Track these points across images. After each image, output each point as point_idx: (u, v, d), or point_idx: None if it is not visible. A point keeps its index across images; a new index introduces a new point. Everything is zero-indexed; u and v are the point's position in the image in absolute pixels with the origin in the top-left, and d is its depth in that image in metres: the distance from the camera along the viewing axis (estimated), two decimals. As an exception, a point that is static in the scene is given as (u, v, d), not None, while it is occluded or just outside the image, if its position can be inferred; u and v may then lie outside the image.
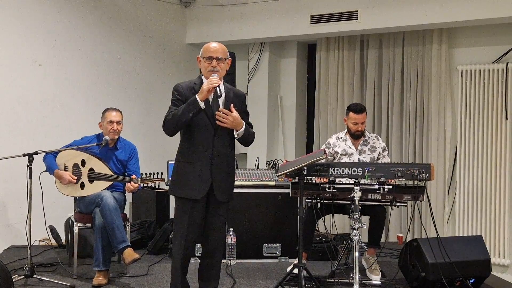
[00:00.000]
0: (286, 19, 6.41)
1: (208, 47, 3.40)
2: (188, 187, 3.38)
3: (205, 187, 3.38)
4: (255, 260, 5.04)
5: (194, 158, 3.38)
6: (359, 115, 4.59)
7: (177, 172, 3.43)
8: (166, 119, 3.33)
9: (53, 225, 5.25)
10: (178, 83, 3.47)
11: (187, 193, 3.38)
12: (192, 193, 3.37)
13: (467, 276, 4.11)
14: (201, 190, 3.38)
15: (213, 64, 3.37)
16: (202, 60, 3.43)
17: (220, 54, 3.39)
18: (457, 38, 5.97)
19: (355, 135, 4.64)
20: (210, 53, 3.38)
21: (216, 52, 3.38)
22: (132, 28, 6.47)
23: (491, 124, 5.66)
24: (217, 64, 3.37)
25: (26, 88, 5.45)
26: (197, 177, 3.37)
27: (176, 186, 3.43)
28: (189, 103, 3.27)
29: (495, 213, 5.62)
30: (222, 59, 3.40)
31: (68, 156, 4.45)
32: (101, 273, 4.25)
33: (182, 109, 3.27)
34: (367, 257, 4.62)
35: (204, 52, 3.41)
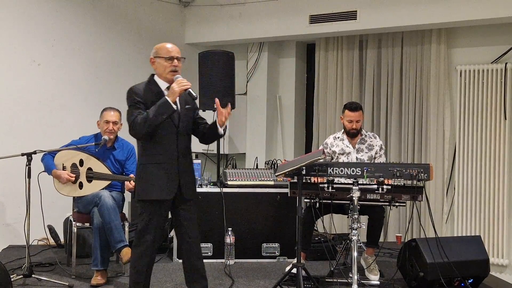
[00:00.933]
0: (285, 19, 6.40)
1: (166, 47, 3.43)
2: (158, 189, 3.39)
3: (175, 187, 3.42)
4: (254, 260, 5.04)
5: (162, 159, 3.40)
6: (354, 113, 4.58)
7: (145, 175, 3.42)
8: (135, 123, 3.29)
9: (51, 224, 5.25)
10: (132, 86, 3.44)
11: (158, 194, 3.39)
12: (163, 194, 3.40)
13: (466, 276, 4.12)
14: (172, 190, 3.41)
15: (175, 64, 3.41)
16: (159, 60, 3.42)
17: (179, 53, 3.45)
18: (456, 38, 5.96)
19: (350, 133, 4.63)
20: (171, 53, 3.41)
21: (176, 52, 3.44)
22: (131, 28, 6.46)
23: (490, 124, 5.66)
24: (178, 64, 3.43)
25: (25, 87, 5.45)
26: (166, 177, 3.39)
27: (146, 189, 3.41)
28: (161, 106, 3.27)
29: (494, 213, 5.61)
30: (181, 58, 3.45)
31: (66, 156, 4.44)
32: (99, 272, 4.25)
33: (154, 111, 3.27)
34: (365, 257, 4.62)
35: (163, 52, 3.41)
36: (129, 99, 3.39)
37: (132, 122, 3.30)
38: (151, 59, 3.47)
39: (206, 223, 5.02)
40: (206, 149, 6.34)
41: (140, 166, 3.45)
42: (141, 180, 3.44)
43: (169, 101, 3.27)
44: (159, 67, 3.44)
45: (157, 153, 3.40)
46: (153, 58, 3.45)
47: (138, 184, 3.47)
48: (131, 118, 3.32)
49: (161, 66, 3.42)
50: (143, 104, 3.35)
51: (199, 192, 5.02)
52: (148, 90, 3.42)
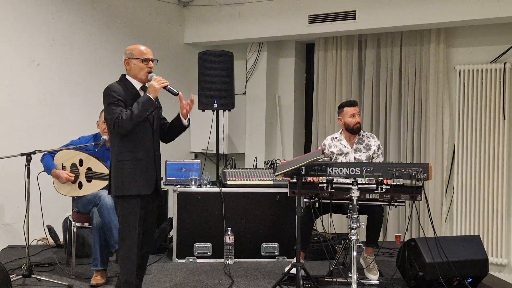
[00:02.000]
0: (284, 19, 6.41)
1: (141, 49, 3.54)
2: (140, 184, 3.46)
3: (153, 182, 3.54)
4: (253, 259, 5.04)
5: (142, 155, 3.48)
6: (353, 107, 4.66)
7: (127, 171, 3.46)
8: (120, 119, 3.34)
9: (51, 224, 5.25)
10: (110, 85, 3.52)
11: (140, 189, 3.46)
12: (145, 188, 3.48)
13: (465, 275, 4.13)
14: (152, 185, 3.52)
15: (150, 65, 3.54)
16: (135, 61, 3.52)
17: (152, 55, 3.57)
18: (455, 38, 5.97)
19: (354, 129, 4.64)
20: (146, 55, 3.53)
21: (151, 53, 3.57)
22: (130, 27, 6.46)
23: (488, 123, 5.66)
24: (152, 66, 3.55)
25: (24, 87, 5.45)
26: (146, 172, 3.49)
27: (128, 184, 3.45)
28: (144, 103, 3.39)
29: (493, 213, 5.62)
30: (154, 60, 3.58)
31: (66, 156, 4.45)
32: (99, 272, 4.26)
33: (139, 108, 3.37)
34: (365, 257, 4.63)
35: (139, 54, 3.52)
36: (108, 96, 3.45)
37: (116, 119, 3.35)
38: (125, 60, 3.55)
39: (205, 223, 5.02)
40: (206, 149, 6.36)
41: (118, 162, 3.48)
42: (120, 176, 3.47)
43: (151, 98, 3.42)
44: (135, 68, 3.53)
45: (136, 149, 3.47)
46: (128, 59, 3.54)
47: (117, 180, 3.48)
48: (113, 115, 3.37)
49: (137, 67, 3.52)
50: (122, 101, 3.43)
51: (198, 192, 5.06)
52: (124, 88, 3.51)
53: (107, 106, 3.43)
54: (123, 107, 3.40)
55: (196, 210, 5.02)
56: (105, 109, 3.47)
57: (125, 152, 3.47)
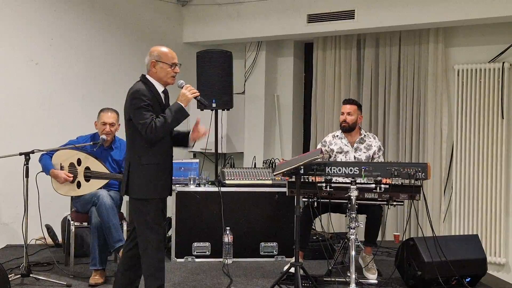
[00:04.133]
0: (283, 18, 6.40)
1: (167, 52, 3.51)
2: (162, 188, 3.49)
3: (170, 185, 3.59)
4: (252, 259, 5.04)
5: (162, 160, 3.49)
6: (346, 105, 4.69)
7: (149, 176, 3.43)
8: (154, 126, 3.30)
9: (49, 224, 5.24)
10: (138, 88, 3.43)
11: (161, 193, 3.50)
12: (165, 192, 3.54)
13: (463, 274, 4.13)
14: (169, 188, 3.58)
15: (176, 70, 3.52)
16: (162, 65, 3.47)
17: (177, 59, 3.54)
18: (453, 37, 5.97)
19: (341, 126, 4.66)
20: (174, 60, 3.51)
21: (176, 58, 3.54)
22: (129, 27, 6.46)
23: (487, 123, 5.66)
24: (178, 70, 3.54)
25: (23, 87, 5.44)
26: (165, 177, 3.51)
27: (151, 188, 3.44)
28: (177, 112, 3.39)
29: (491, 212, 5.62)
30: (180, 65, 3.56)
31: (64, 156, 4.45)
32: (97, 272, 4.26)
33: (171, 117, 3.37)
34: (363, 256, 4.63)
35: (166, 58, 3.48)
36: (138, 100, 3.36)
37: (150, 126, 3.30)
38: (152, 62, 3.47)
39: (204, 223, 5.02)
40: (204, 148, 6.35)
41: (140, 166, 3.42)
42: (143, 180, 3.43)
43: (183, 107, 3.40)
44: (161, 72, 3.48)
45: (158, 154, 3.45)
46: (155, 61, 3.46)
47: (139, 183, 3.43)
48: (145, 121, 3.30)
49: (163, 71, 3.48)
50: (151, 106, 3.38)
51: (197, 191, 5.06)
52: (150, 92, 3.44)
53: (136, 110, 3.35)
54: (152, 112, 3.36)
55: (195, 209, 5.02)
56: (133, 112, 3.36)
57: (147, 156, 3.43)
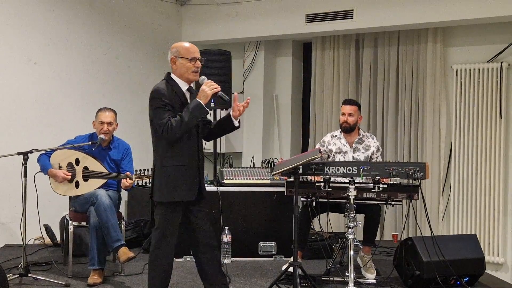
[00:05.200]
0: (281, 18, 6.41)
1: (188, 47, 3.41)
2: (182, 190, 3.38)
3: (196, 188, 3.44)
4: (250, 258, 5.05)
5: (186, 161, 3.38)
6: (346, 106, 4.66)
7: (169, 177, 3.37)
8: (170, 126, 3.25)
9: (48, 224, 5.24)
10: (157, 87, 3.39)
11: (182, 195, 3.38)
12: (187, 195, 3.40)
13: (462, 274, 4.14)
14: (194, 192, 3.43)
15: (198, 65, 3.40)
16: (182, 61, 3.39)
17: (199, 54, 3.43)
18: (451, 37, 5.98)
19: (342, 127, 4.65)
20: (194, 54, 3.40)
21: (197, 52, 3.43)
22: (128, 26, 6.46)
23: (485, 123, 5.67)
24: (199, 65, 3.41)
25: (21, 86, 5.44)
26: (190, 179, 3.40)
27: (169, 190, 3.37)
28: (195, 109, 3.27)
29: (490, 212, 5.63)
30: (201, 59, 3.44)
31: (62, 156, 4.44)
32: (96, 272, 4.25)
33: (188, 115, 3.26)
34: (362, 256, 4.63)
35: (186, 53, 3.38)
36: (156, 100, 3.32)
37: (166, 126, 3.25)
38: (172, 59, 3.43)
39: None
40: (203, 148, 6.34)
41: (161, 168, 3.38)
42: (163, 182, 3.38)
43: (202, 104, 3.27)
44: (181, 68, 3.41)
45: (181, 155, 3.38)
46: (175, 57, 3.42)
47: (159, 185, 3.39)
48: (162, 121, 3.26)
49: (184, 67, 3.39)
50: (170, 105, 3.32)
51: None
52: (171, 91, 3.38)
53: (154, 110, 3.31)
54: (172, 112, 3.30)
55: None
56: (152, 112, 3.33)
57: (169, 157, 3.37)
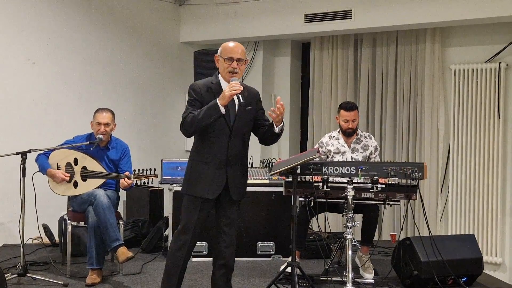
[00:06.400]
0: (280, 18, 6.41)
1: (228, 47, 3.36)
2: (201, 186, 3.38)
3: (219, 188, 3.40)
4: (249, 258, 5.05)
5: (209, 158, 3.38)
6: (349, 113, 4.60)
7: (192, 171, 3.43)
8: (184, 121, 3.29)
9: (46, 223, 5.24)
10: (194, 82, 3.43)
11: (200, 191, 3.38)
12: (205, 192, 3.38)
13: (460, 274, 4.14)
14: (215, 191, 3.39)
15: (234, 65, 3.33)
16: (221, 59, 3.38)
17: (240, 55, 3.35)
18: (450, 37, 5.99)
19: (346, 132, 4.65)
20: (231, 54, 3.34)
21: (236, 53, 3.34)
22: (126, 26, 6.45)
23: (483, 123, 5.68)
24: (238, 66, 3.34)
25: (20, 86, 5.44)
26: (211, 177, 3.38)
27: (190, 184, 3.42)
28: (210, 108, 3.24)
29: (488, 212, 5.64)
30: (242, 60, 3.36)
31: (61, 156, 4.44)
32: (94, 271, 4.25)
33: (202, 112, 3.24)
34: (360, 256, 4.64)
35: (224, 52, 3.35)
36: (188, 94, 3.39)
37: (183, 120, 3.30)
38: (215, 57, 3.44)
39: (201, 222, 5.02)
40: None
41: (189, 162, 3.46)
42: (187, 176, 3.45)
43: (218, 104, 3.22)
44: (220, 67, 3.40)
45: (207, 152, 3.39)
46: (217, 56, 3.42)
47: (185, 179, 3.47)
48: (183, 115, 3.32)
49: (222, 66, 3.38)
50: (199, 102, 3.33)
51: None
52: (209, 88, 3.37)
53: (187, 103, 3.39)
54: (197, 108, 3.30)
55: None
56: None
57: (196, 152, 3.43)
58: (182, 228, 3.43)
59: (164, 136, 6.91)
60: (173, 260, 3.45)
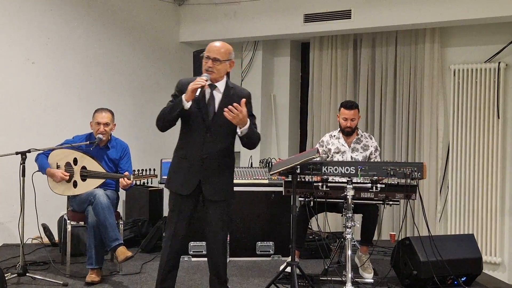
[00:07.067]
0: (279, 18, 6.41)
1: (210, 46, 3.39)
2: (177, 182, 3.44)
3: (193, 184, 3.40)
4: (248, 258, 5.05)
5: (186, 154, 3.42)
6: (349, 111, 4.61)
7: (172, 167, 3.50)
8: (158, 115, 3.38)
9: (46, 223, 5.24)
10: (181, 78, 3.47)
11: (177, 187, 3.44)
12: (181, 188, 3.43)
13: (459, 274, 4.15)
14: (189, 186, 3.41)
15: (208, 64, 3.35)
16: None
17: (216, 54, 3.34)
18: (449, 37, 5.99)
19: (345, 131, 4.66)
20: (208, 52, 3.36)
21: (213, 52, 3.35)
22: (126, 26, 6.45)
23: (483, 123, 5.69)
24: (213, 65, 3.34)
25: (19, 86, 5.43)
26: (187, 173, 3.41)
27: (169, 179, 3.49)
28: (174, 102, 3.32)
29: (487, 212, 5.65)
30: (218, 60, 3.34)
31: (60, 155, 4.44)
32: (94, 271, 4.25)
33: (169, 106, 3.34)
34: (359, 255, 4.64)
35: (206, 50, 3.38)
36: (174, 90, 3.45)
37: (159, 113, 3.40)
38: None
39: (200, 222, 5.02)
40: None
41: (172, 157, 3.52)
42: (169, 171, 3.52)
43: (183, 99, 3.27)
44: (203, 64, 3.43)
45: (183, 147, 3.44)
46: None
47: (168, 173, 3.55)
48: None
49: (203, 63, 3.40)
50: (178, 97, 3.35)
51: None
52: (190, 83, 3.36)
53: None
54: None
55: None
56: None
57: (176, 147, 3.50)
58: (167, 224, 3.50)
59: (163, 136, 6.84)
60: (161, 256, 3.52)
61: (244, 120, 3.27)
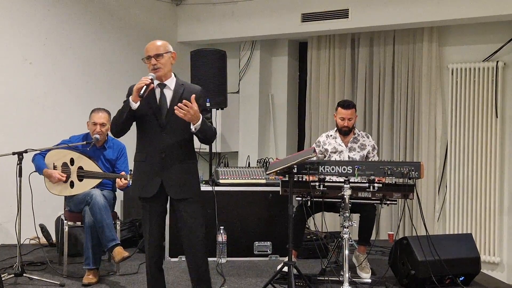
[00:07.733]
0: (277, 17, 6.40)
1: (146, 48, 3.37)
2: (140, 185, 3.40)
3: (155, 185, 3.35)
4: (246, 258, 5.04)
5: (144, 157, 3.40)
6: (346, 111, 4.61)
7: (134, 172, 3.47)
8: (111, 120, 3.43)
9: (43, 223, 5.23)
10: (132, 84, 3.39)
11: (139, 191, 3.41)
12: (143, 191, 3.39)
13: (457, 273, 4.14)
14: (151, 188, 3.36)
15: (153, 63, 3.33)
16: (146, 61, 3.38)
17: (156, 51, 3.33)
18: (447, 36, 5.98)
19: (342, 131, 4.66)
20: (148, 53, 3.35)
21: (153, 50, 3.34)
22: (123, 26, 6.44)
23: (481, 122, 5.68)
24: (157, 61, 3.33)
25: (17, 86, 5.43)
26: (147, 174, 3.37)
27: (134, 185, 3.47)
28: (124, 105, 3.30)
29: (485, 211, 5.64)
30: (160, 54, 3.33)
31: (57, 156, 4.43)
32: (91, 271, 4.25)
33: (119, 110, 3.33)
34: (357, 255, 4.64)
35: (144, 53, 3.36)
36: None
37: None
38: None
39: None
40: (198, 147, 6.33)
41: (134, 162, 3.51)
42: (132, 177, 3.52)
43: (129, 100, 3.27)
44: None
45: (141, 150, 3.42)
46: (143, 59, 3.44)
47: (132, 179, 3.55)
48: None
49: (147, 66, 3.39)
50: None
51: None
52: None
53: None
54: None
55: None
56: None
57: (136, 152, 3.47)
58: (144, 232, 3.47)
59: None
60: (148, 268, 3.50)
61: (196, 116, 3.23)
